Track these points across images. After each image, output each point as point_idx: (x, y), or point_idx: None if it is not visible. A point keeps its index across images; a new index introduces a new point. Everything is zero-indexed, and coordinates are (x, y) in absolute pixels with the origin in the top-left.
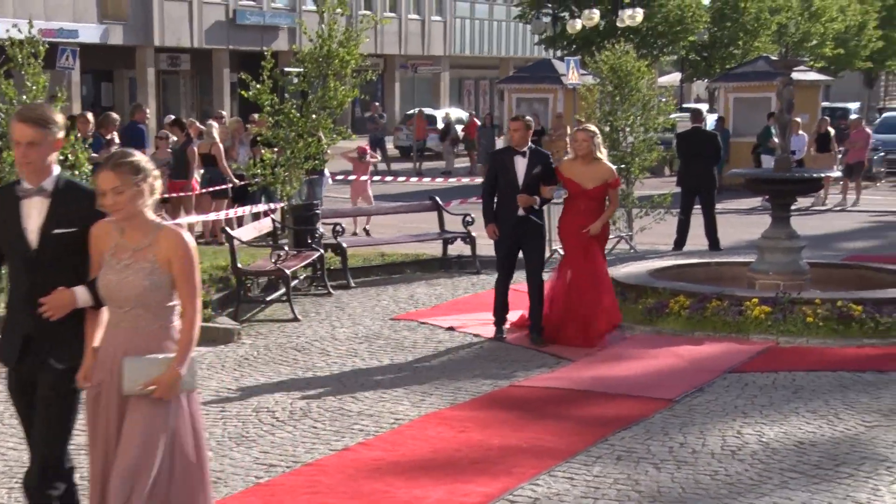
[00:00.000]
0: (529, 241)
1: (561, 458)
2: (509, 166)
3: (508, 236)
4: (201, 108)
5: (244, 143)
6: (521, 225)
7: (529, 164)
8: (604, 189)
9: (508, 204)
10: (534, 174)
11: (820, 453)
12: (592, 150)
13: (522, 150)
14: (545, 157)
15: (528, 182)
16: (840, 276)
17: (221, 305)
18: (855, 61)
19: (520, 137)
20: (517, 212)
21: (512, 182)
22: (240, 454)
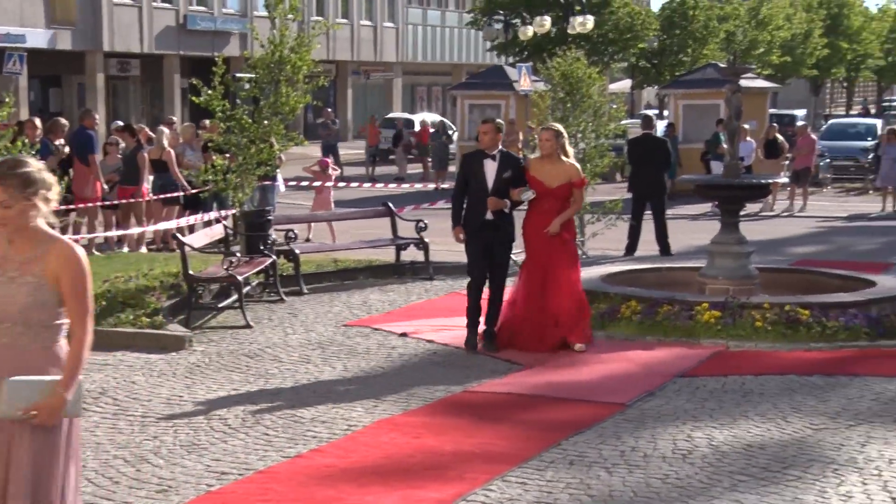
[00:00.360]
0: (498, 245)
1: (514, 463)
2: (478, 170)
3: (477, 239)
4: (152, 114)
5: (196, 150)
6: (489, 228)
7: (500, 167)
8: (568, 188)
9: (478, 207)
10: (504, 178)
11: (768, 456)
12: (556, 150)
13: (492, 154)
14: (516, 161)
15: (498, 186)
16: (788, 281)
17: (173, 312)
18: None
19: (489, 140)
20: (486, 215)
21: (481, 186)
22: (191, 462)
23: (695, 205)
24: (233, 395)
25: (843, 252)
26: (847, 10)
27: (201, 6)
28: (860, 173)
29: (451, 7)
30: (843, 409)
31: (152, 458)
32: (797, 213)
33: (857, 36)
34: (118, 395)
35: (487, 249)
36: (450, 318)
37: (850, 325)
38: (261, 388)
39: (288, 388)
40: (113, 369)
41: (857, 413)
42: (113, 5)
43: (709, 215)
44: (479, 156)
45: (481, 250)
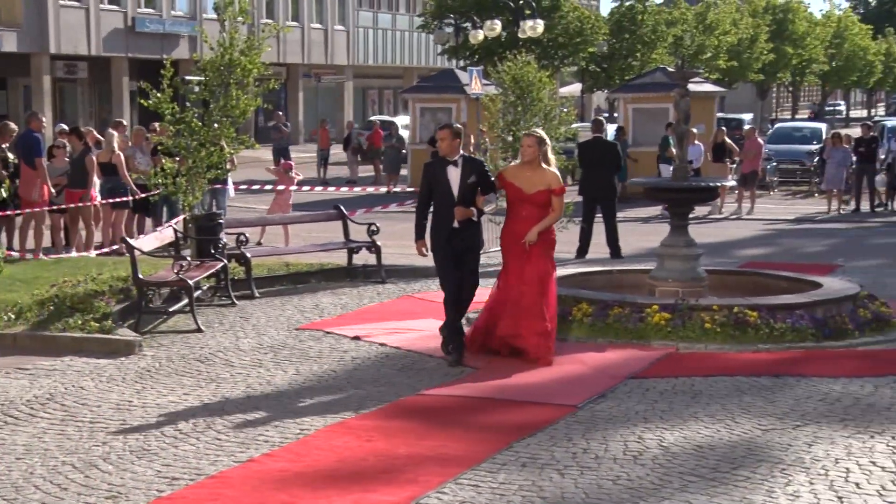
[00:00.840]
0: (468, 253)
1: (466, 466)
2: (442, 177)
3: (446, 250)
4: (100, 117)
5: (145, 153)
6: (456, 237)
7: (463, 173)
8: (547, 195)
9: (444, 217)
10: (469, 184)
11: (718, 457)
12: (538, 156)
13: (454, 160)
14: (480, 166)
15: (463, 192)
16: (736, 283)
17: (122, 317)
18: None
19: (447, 146)
20: (452, 224)
21: (446, 193)
22: (141, 468)
23: (645, 208)
24: (184, 399)
25: (789, 254)
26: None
27: (150, 8)
28: (806, 176)
29: (402, 10)
30: (790, 410)
31: (102, 464)
32: (745, 215)
33: (801, 41)
34: (66, 400)
35: (457, 259)
36: (402, 321)
37: (796, 327)
38: (212, 393)
39: (240, 392)
40: (61, 375)
41: (804, 413)
42: (59, 7)
43: (659, 218)
44: (441, 163)
45: (451, 261)
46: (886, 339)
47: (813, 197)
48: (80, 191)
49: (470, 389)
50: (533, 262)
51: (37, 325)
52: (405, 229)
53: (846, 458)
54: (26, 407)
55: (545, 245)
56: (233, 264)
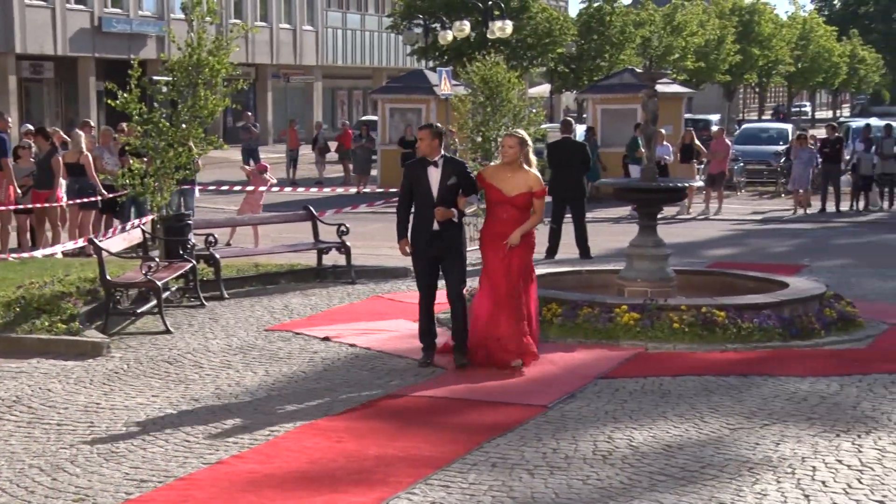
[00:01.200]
0: (448, 256)
1: (437, 467)
2: (422, 178)
3: (424, 252)
4: (67, 117)
5: (113, 153)
6: (437, 239)
7: (443, 174)
8: (528, 197)
9: (424, 218)
10: (449, 185)
11: (686, 456)
12: (519, 158)
13: (434, 160)
14: (460, 166)
15: (443, 194)
16: (704, 283)
17: (90, 318)
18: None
19: (427, 146)
20: (433, 225)
21: (426, 195)
22: (109, 470)
23: (614, 208)
24: (152, 401)
25: (756, 254)
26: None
27: (117, 8)
28: (772, 177)
29: (371, 11)
30: (758, 409)
31: (69, 466)
32: (712, 215)
33: (768, 42)
34: (33, 402)
35: (436, 262)
36: (372, 322)
37: (764, 326)
38: (181, 395)
39: (209, 393)
40: (28, 377)
41: (771, 412)
42: (25, 6)
43: (628, 219)
44: (421, 163)
45: (429, 263)
46: (852, 339)
47: (779, 197)
48: (46, 191)
49: (440, 390)
50: (516, 262)
51: (3, 327)
52: (375, 230)
53: (813, 456)
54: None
55: (526, 247)
56: (201, 265)
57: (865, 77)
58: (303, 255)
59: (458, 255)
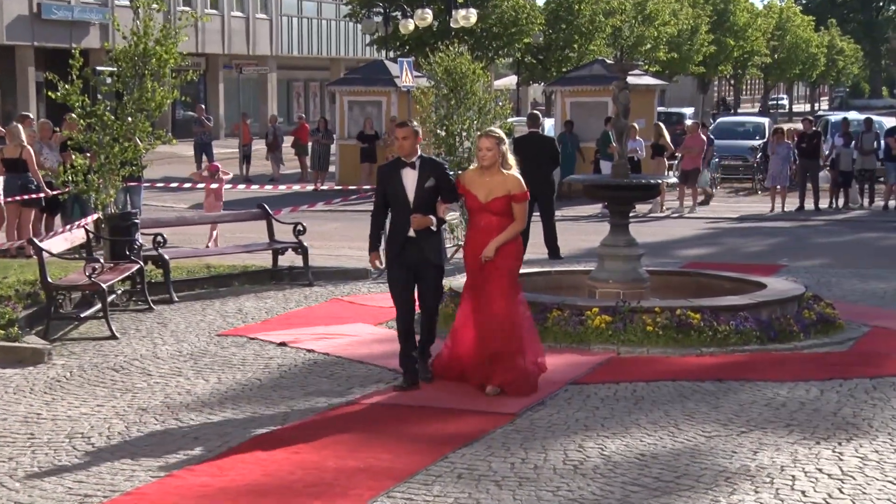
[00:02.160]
0: (424, 268)
1: (399, 479)
2: (397, 181)
3: (400, 263)
4: (4, 110)
5: (53, 148)
6: (413, 246)
7: (420, 176)
8: (506, 202)
9: (398, 226)
10: (426, 188)
11: (661, 465)
12: (498, 160)
13: (411, 161)
14: (440, 168)
15: (420, 198)
16: (679, 284)
17: (30, 323)
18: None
19: (410, 146)
20: (407, 233)
21: (401, 199)
22: (51, 485)
23: (584, 206)
24: (97, 411)
25: (733, 254)
26: (733, 7)
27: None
28: (749, 173)
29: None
30: (735, 416)
31: (8, 481)
32: (686, 214)
33: (743, 32)
34: None
35: (412, 274)
36: (331, 326)
37: (741, 329)
38: (128, 404)
39: (157, 402)
40: None
41: (749, 419)
42: None
43: (598, 217)
44: (396, 165)
45: (405, 276)
46: (832, 342)
47: (756, 194)
48: None
49: (403, 398)
50: (497, 277)
51: None
52: (333, 229)
53: (792, 465)
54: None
55: (508, 260)
56: (149, 266)
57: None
58: (257, 256)
59: (435, 266)
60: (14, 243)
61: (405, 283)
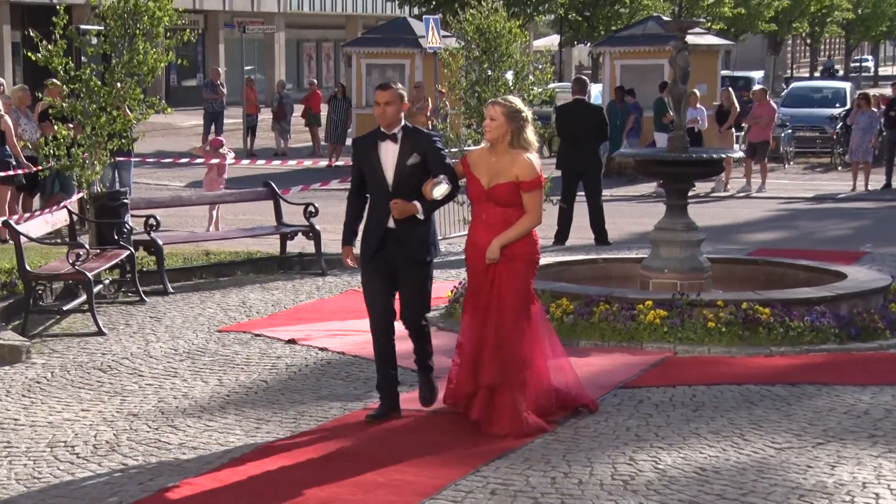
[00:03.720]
0: (406, 266)
1: (425, 494)
2: (374, 157)
3: (375, 261)
4: None
5: (30, 119)
6: (392, 241)
7: (402, 151)
8: (512, 190)
9: (375, 213)
10: (410, 166)
11: (724, 481)
12: (506, 136)
13: (392, 133)
14: (426, 141)
15: (402, 179)
16: (745, 274)
17: (6, 317)
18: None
19: (393, 113)
20: (387, 223)
21: (378, 180)
22: (31, 500)
23: (637, 185)
24: (82, 417)
25: (808, 239)
26: None
27: None
28: (827, 146)
29: None
30: (809, 425)
31: None
32: (755, 193)
33: None
34: None
35: (390, 275)
36: (346, 321)
37: (817, 326)
38: (116, 409)
39: (150, 407)
40: None
41: (825, 429)
42: None
43: (653, 197)
44: (373, 137)
45: (383, 276)
46: None
47: (835, 170)
48: None
49: None
50: (504, 286)
51: None
52: None
53: (875, 481)
54: None
55: (518, 265)
56: (141, 253)
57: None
58: (263, 241)
59: (421, 268)
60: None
61: (382, 286)
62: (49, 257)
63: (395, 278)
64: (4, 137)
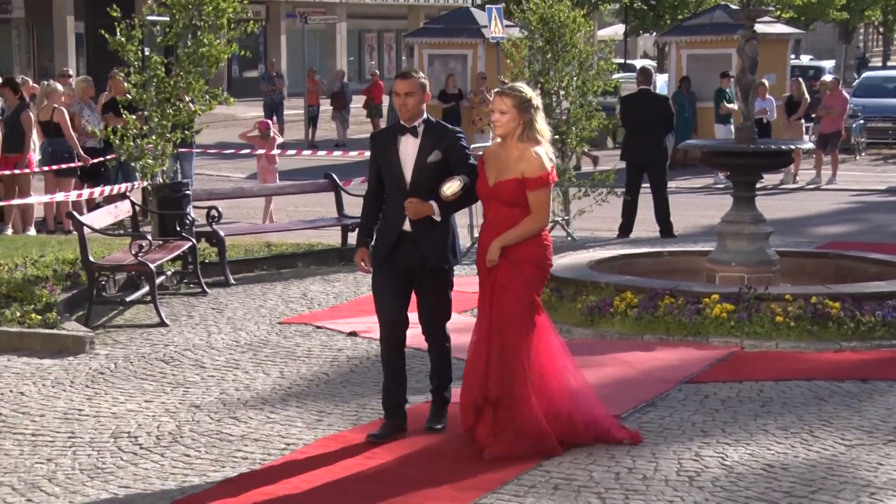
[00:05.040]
0: (423, 274)
1: (487, 489)
2: (391, 153)
3: (389, 264)
4: (40, 65)
5: (93, 109)
6: (407, 244)
7: (422, 147)
8: (516, 188)
9: (391, 213)
10: (429, 163)
11: (793, 478)
12: (517, 129)
13: (413, 127)
14: (451, 136)
15: (420, 177)
16: (814, 267)
17: (70, 308)
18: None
19: (414, 105)
20: (402, 225)
21: (395, 178)
22: (94, 490)
23: (702, 176)
24: (145, 408)
25: (880, 232)
26: None
27: None
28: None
29: None
30: (881, 422)
31: (46, 485)
32: (825, 185)
33: None
34: (3, 408)
35: (407, 282)
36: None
37: (889, 321)
38: (179, 400)
39: (212, 399)
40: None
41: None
42: None
43: (720, 189)
44: (391, 132)
45: (396, 284)
46: None
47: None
48: (15, 155)
49: None
50: (507, 297)
51: None
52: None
53: None
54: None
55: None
56: (202, 244)
57: None
58: (324, 233)
59: (440, 273)
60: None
61: (393, 293)
62: (112, 248)
63: (411, 285)
64: (60, 130)
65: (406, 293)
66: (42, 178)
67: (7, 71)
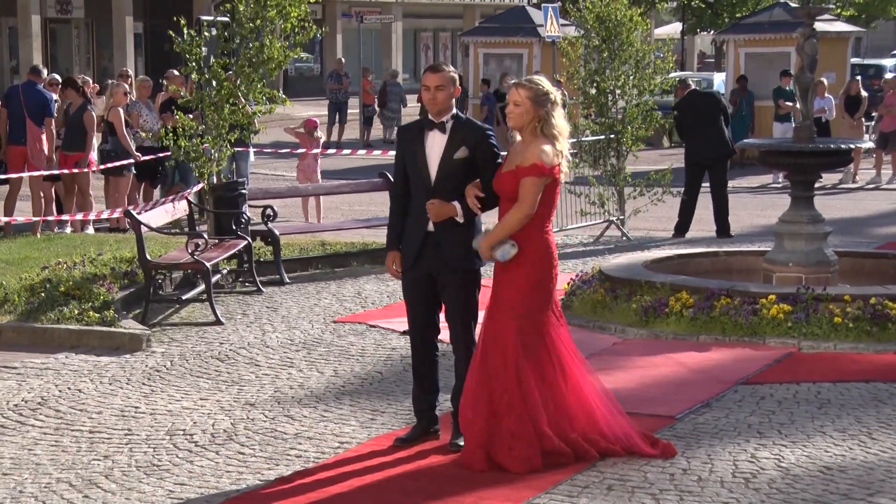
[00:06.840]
0: (448, 276)
1: (540, 490)
2: (417, 148)
3: (416, 268)
4: (99, 64)
5: (151, 109)
6: (432, 246)
7: (450, 143)
8: (510, 180)
9: (416, 214)
10: (456, 160)
11: (851, 481)
12: (533, 124)
13: (441, 122)
14: (479, 133)
15: (445, 176)
16: (874, 268)
17: (127, 306)
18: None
19: (444, 100)
20: (426, 226)
21: (420, 174)
22: (150, 486)
23: (759, 175)
24: (200, 405)
25: None
26: None
27: None
28: None
29: None
30: None
31: (103, 481)
32: (885, 184)
33: None
34: (61, 405)
35: (431, 285)
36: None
37: None
38: (234, 398)
39: (267, 397)
40: (55, 374)
41: None
42: None
43: (777, 188)
44: (419, 127)
45: (423, 287)
46: None
47: None
48: (76, 154)
49: None
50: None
51: (26, 315)
52: None
53: None
54: (14, 413)
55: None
56: (258, 243)
57: None
58: (378, 232)
59: (463, 278)
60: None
61: (421, 297)
62: (168, 247)
63: (437, 289)
64: (114, 129)
65: (434, 299)
66: (101, 178)
67: (67, 71)
